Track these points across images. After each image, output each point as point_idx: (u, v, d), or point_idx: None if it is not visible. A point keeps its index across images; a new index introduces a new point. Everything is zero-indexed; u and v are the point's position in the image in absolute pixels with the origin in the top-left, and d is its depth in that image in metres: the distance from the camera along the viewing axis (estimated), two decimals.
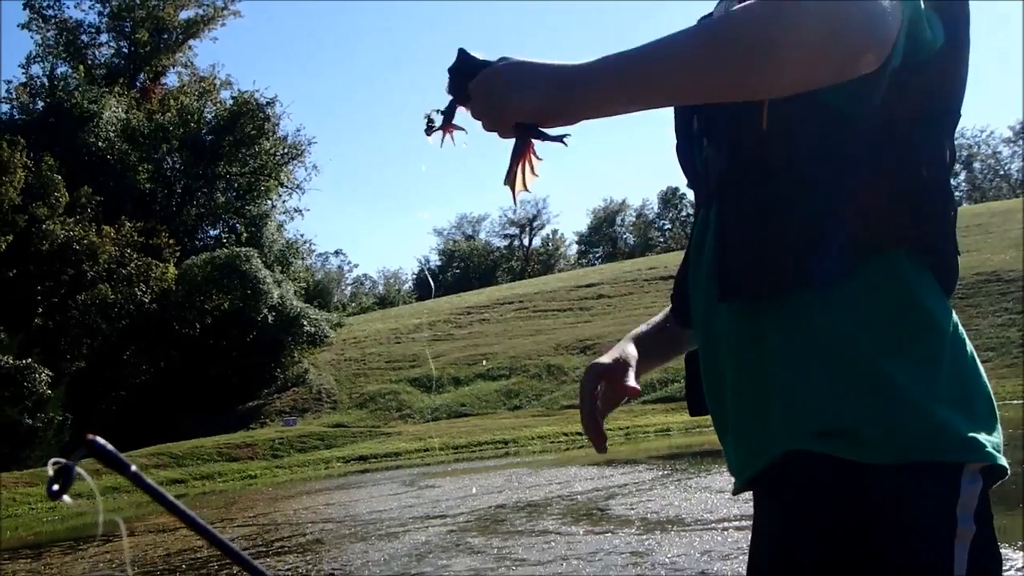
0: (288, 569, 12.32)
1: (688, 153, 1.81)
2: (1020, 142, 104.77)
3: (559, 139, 1.59)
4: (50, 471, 0.99)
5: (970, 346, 1.58)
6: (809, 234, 1.53)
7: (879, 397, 1.48)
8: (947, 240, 1.59)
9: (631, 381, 1.94)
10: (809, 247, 1.53)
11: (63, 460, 1.03)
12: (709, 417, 1.86)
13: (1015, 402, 24.23)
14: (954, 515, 1.44)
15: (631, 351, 2.00)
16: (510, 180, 1.69)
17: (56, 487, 0.99)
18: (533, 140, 1.61)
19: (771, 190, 1.56)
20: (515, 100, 1.50)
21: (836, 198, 1.50)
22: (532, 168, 1.66)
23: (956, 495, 1.45)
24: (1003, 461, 1.51)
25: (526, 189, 1.70)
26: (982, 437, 1.49)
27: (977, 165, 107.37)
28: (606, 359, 1.99)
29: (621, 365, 1.96)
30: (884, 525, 1.44)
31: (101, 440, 1.00)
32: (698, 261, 1.75)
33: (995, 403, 1.57)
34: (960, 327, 1.58)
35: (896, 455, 1.46)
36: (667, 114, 1.83)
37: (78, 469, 1.02)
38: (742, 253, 1.59)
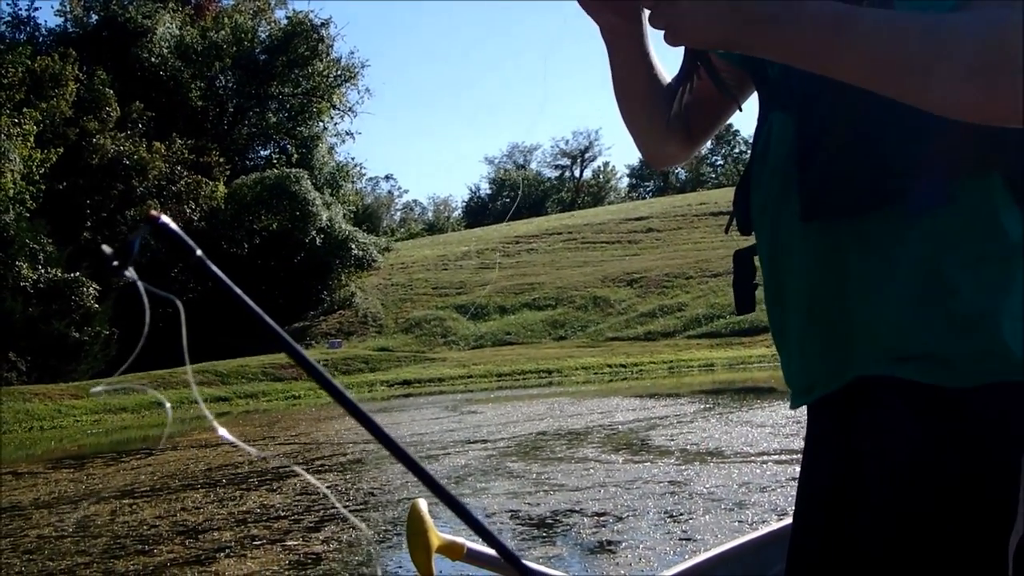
0: (328, 486, 12.34)
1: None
2: None
3: (733, 98, 1.62)
4: (107, 249, 0.84)
5: None
6: (906, 155, 1.46)
7: (964, 321, 1.44)
8: None
9: None
10: (907, 168, 1.46)
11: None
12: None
13: None
14: (1023, 432, 1.40)
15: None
16: (669, 104, 1.69)
17: (116, 262, 0.84)
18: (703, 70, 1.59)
19: (865, 106, 1.46)
20: (688, 14, 1.38)
21: (935, 120, 1.38)
22: (691, 88, 1.64)
23: None
24: None
25: (679, 110, 1.69)
26: None
27: None
28: None
29: None
30: (965, 447, 1.41)
31: (165, 218, 0.85)
32: (763, 165, 1.68)
33: None
34: None
35: (980, 378, 1.42)
36: None
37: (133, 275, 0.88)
38: (831, 169, 1.52)
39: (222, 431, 0.99)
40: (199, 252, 0.96)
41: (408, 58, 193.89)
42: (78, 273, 35.58)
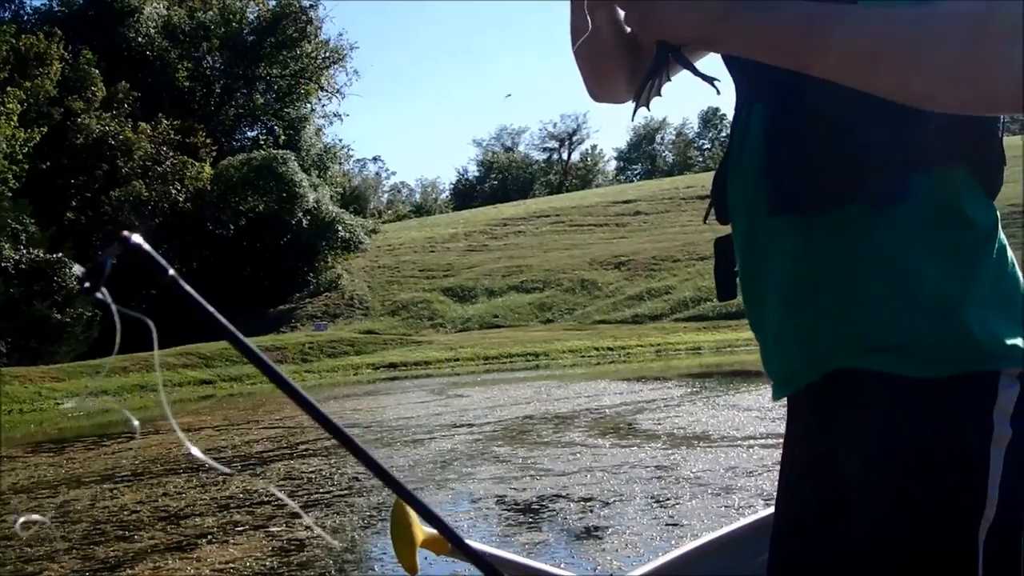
0: (312, 471, 12.28)
1: None
2: None
3: (709, 80, 1.54)
4: (78, 270, 0.79)
5: (1011, 255, 1.57)
6: (872, 148, 1.48)
7: (933, 311, 1.47)
8: (996, 158, 1.55)
9: None
10: (872, 161, 1.48)
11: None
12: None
13: None
14: (991, 419, 1.43)
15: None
16: (636, 95, 1.66)
17: (88, 284, 0.83)
18: (675, 64, 1.55)
19: (830, 100, 1.47)
20: (663, 12, 1.42)
21: (900, 112, 1.40)
22: (658, 87, 1.63)
23: (993, 400, 1.44)
24: None
25: (647, 107, 1.68)
26: (1021, 343, 1.47)
27: None
28: None
29: None
30: (939, 437, 1.45)
31: (137, 237, 0.81)
32: (739, 157, 1.69)
33: None
34: (1003, 237, 1.56)
35: (951, 367, 1.45)
36: None
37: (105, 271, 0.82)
38: (796, 163, 1.54)
39: (194, 450, 0.97)
40: (171, 271, 0.95)
41: (396, 40, 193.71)
42: (61, 254, 35.35)
